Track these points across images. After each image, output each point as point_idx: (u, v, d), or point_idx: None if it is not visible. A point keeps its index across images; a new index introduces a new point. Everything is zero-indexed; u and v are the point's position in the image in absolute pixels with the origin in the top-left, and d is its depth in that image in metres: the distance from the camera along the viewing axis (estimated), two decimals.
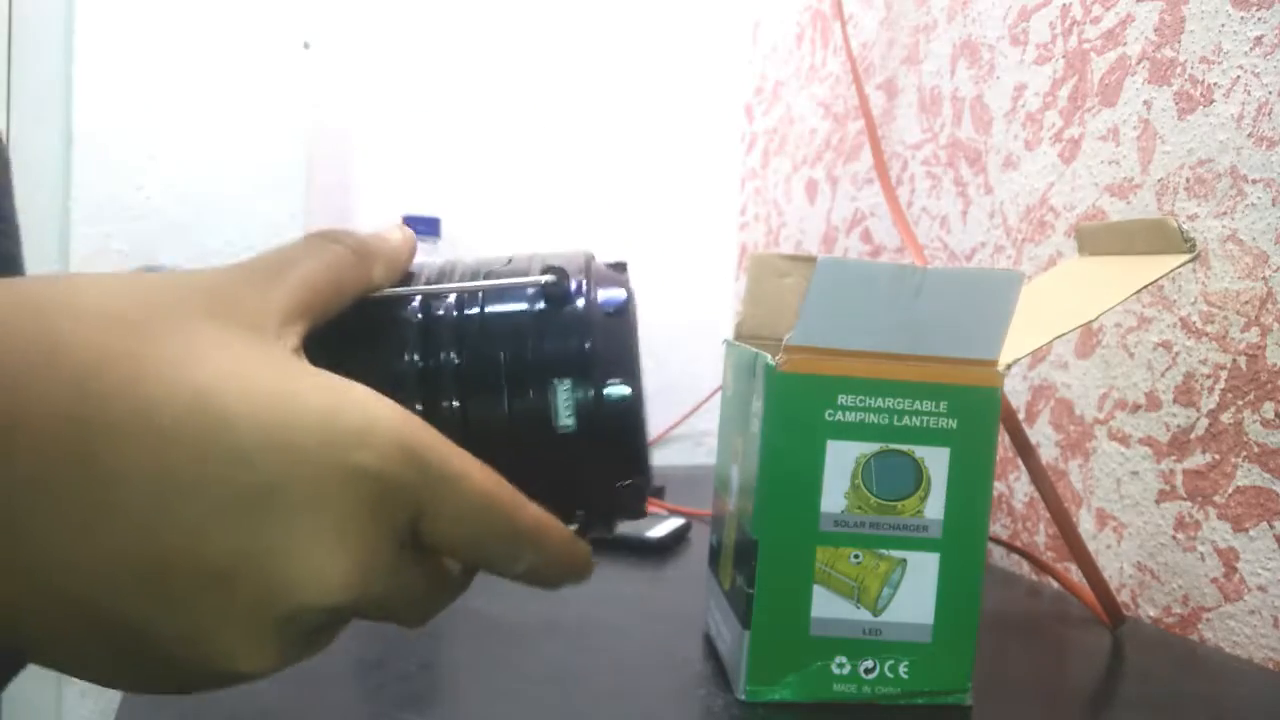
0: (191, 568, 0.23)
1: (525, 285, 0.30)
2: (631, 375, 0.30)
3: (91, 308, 0.24)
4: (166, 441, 0.23)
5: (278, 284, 0.27)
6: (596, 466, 0.30)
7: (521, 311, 0.30)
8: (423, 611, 0.29)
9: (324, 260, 0.28)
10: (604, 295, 0.31)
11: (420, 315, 0.30)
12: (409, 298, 0.30)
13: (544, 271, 0.30)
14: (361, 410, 0.25)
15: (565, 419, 0.29)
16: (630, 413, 0.30)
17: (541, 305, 0.30)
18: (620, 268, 0.34)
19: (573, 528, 0.31)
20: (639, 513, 0.31)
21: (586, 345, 0.30)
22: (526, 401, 0.29)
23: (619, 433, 0.30)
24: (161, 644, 0.24)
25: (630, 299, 0.32)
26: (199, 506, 0.23)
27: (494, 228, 1.18)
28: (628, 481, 0.31)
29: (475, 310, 0.30)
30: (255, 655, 0.25)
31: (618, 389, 0.30)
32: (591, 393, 0.29)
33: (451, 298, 0.30)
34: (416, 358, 0.29)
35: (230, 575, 0.24)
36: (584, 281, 0.31)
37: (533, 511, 0.28)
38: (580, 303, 0.30)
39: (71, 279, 0.25)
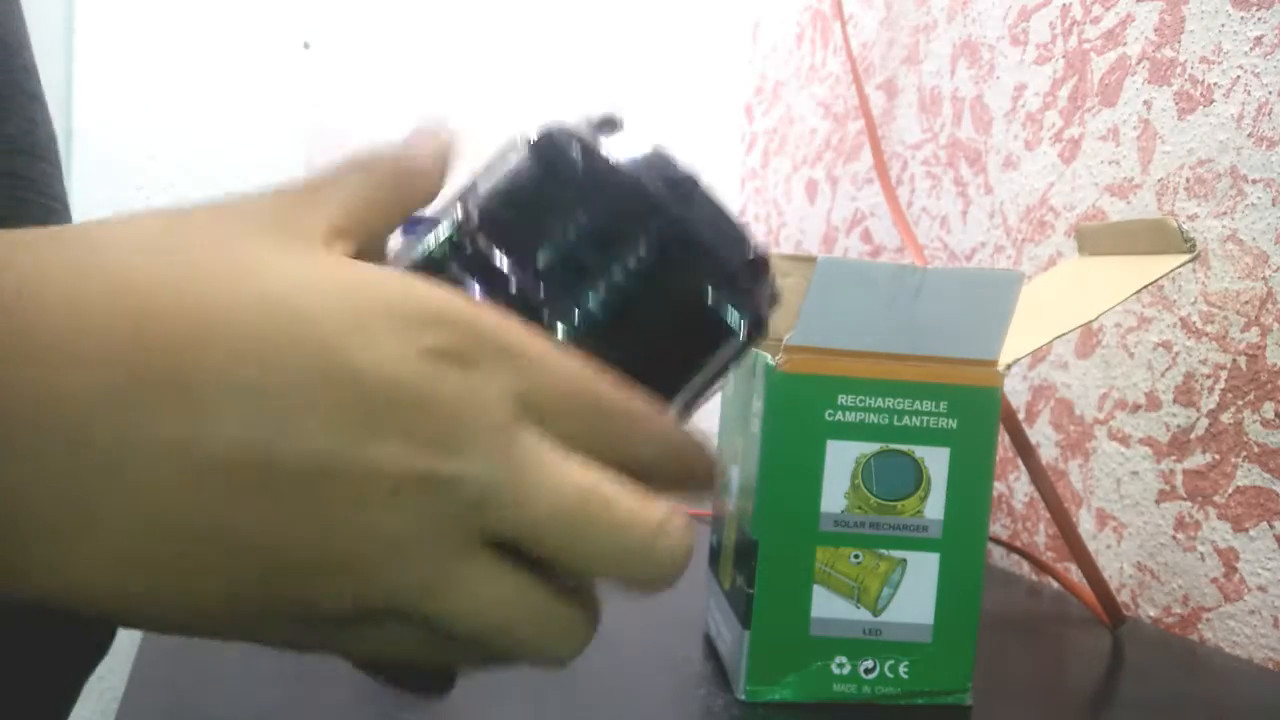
0: (298, 462, 0.22)
1: (523, 170, 0.28)
2: (678, 169, 0.28)
3: (136, 238, 0.24)
4: (245, 347, 0.22)
5: (317, 203, 0.26)
6: (714, 268, 0.27)
7: (541, 197, 0.28)
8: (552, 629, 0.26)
9: (359, 182, 0.27)
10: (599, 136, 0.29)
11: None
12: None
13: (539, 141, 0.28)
14: (435, 294, 0.24)
15: (659, 248, 0.26)
16: (705, 200, 0.27)
17: (551, 177, 0.28)
18: (609, 123, 0.31)
19: (734, 347, 0.28)
20: (776, 289, 0.28)
21: (632, 177, 0.28)
22: (623, 270, 0.27)
23: (712, 221, 0.27)
24: (288, 552, 0.23)
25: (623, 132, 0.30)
26: (292, 400, 0.22)
27: None
28: (750, 258, 0.28)
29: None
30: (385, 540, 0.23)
31: (684, 188, 0.27)
32: (663, 212, 0.27)
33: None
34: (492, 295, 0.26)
35: (339, 464, 0.22)
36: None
37: (649, 403, 0.26)
38: (587, 150, 0.28)
39: (127, 218, 0.25)
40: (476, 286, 0.27)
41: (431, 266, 0.27)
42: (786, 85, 1.17)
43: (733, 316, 0.28)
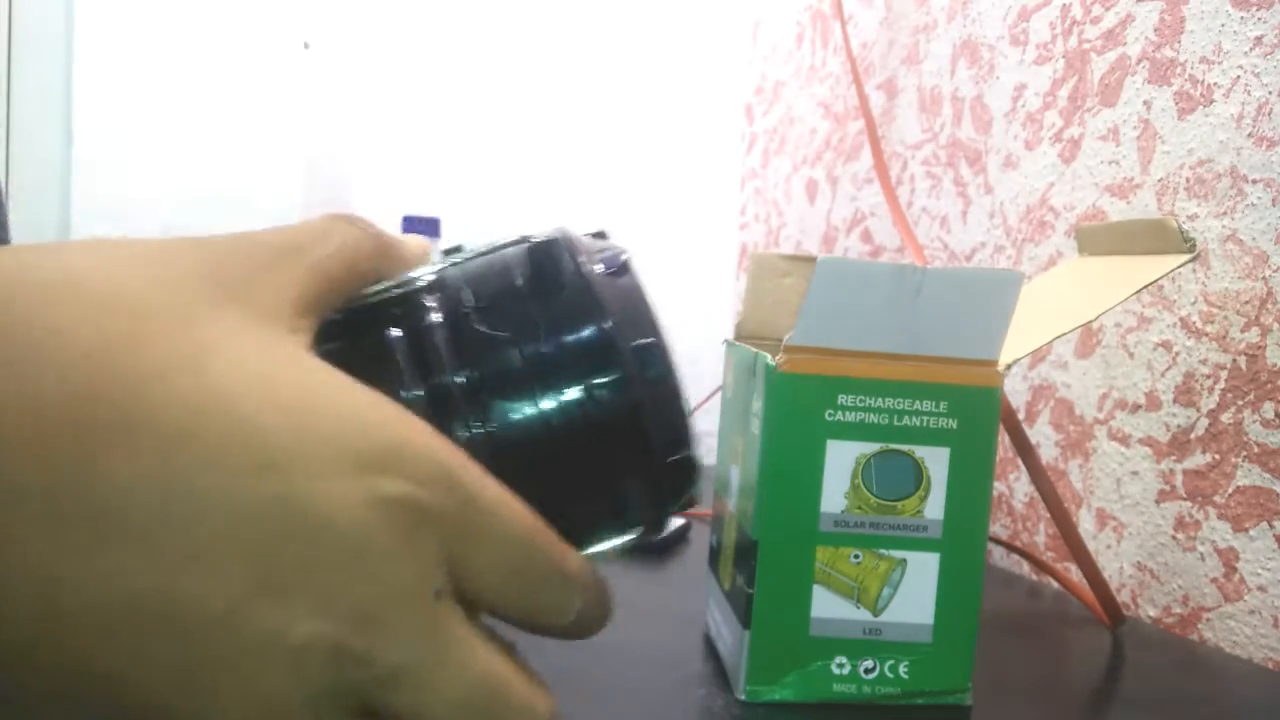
0: (199, 603, 0.20)
1: (513, 265, 0.27)
2: (657, 336, 0.27)
3: (88, 285, 0.21)
4: (176, 446, 0.20)
5: (292, 267, 0.24)
6: (643, 453, 0.26)
7: (519, 293, 0.27)
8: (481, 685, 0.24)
9: (343, 245, 0.25)
10: (600, 258, 0.28)
11: (418, 322, 0.26)
12: (407, 298, 0.27)
13: (530, 252, 0.27)
14: (393, 427, 0.22)
15: (600, 405, 0.26)
16: (668, 378, 0.26)
17: (536, 281, 0.27)
18: (601, 236, 0.31)
19: (627, 537, 0.28)
20: (694, 493, 0.28)
21: (607, 323, 0.26)
22: (559, 401, 0.26)
23: (663, 404, 0.26)
24: (144, 696, 0.20)
25: (628, 256, 0.29)
26: (214, 523, 0.20)
27: (494, 228, 1.18)
28: (678, 457, 0.27)
29: (471, 305, 0.27)
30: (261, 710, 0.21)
31: (654, 363, 0.26)
32: (622, 374, 0.26)
33: (436, 305, 0.27)
34: (424, 377, 0.26)
35: (244, 612, 0.20)
36: (574, 254, 0.27)
37: (573, 552, 0.25)
38: (581, 270, 0.27)
39: (62, 250, 0.22)
40: (407, 343, 0.26)
41: (384, 310, 0.26)
42: (786, 85, 1.17)
43: (633, 512, 0.27)
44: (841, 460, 0.43)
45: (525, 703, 0.24)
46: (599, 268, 0.28)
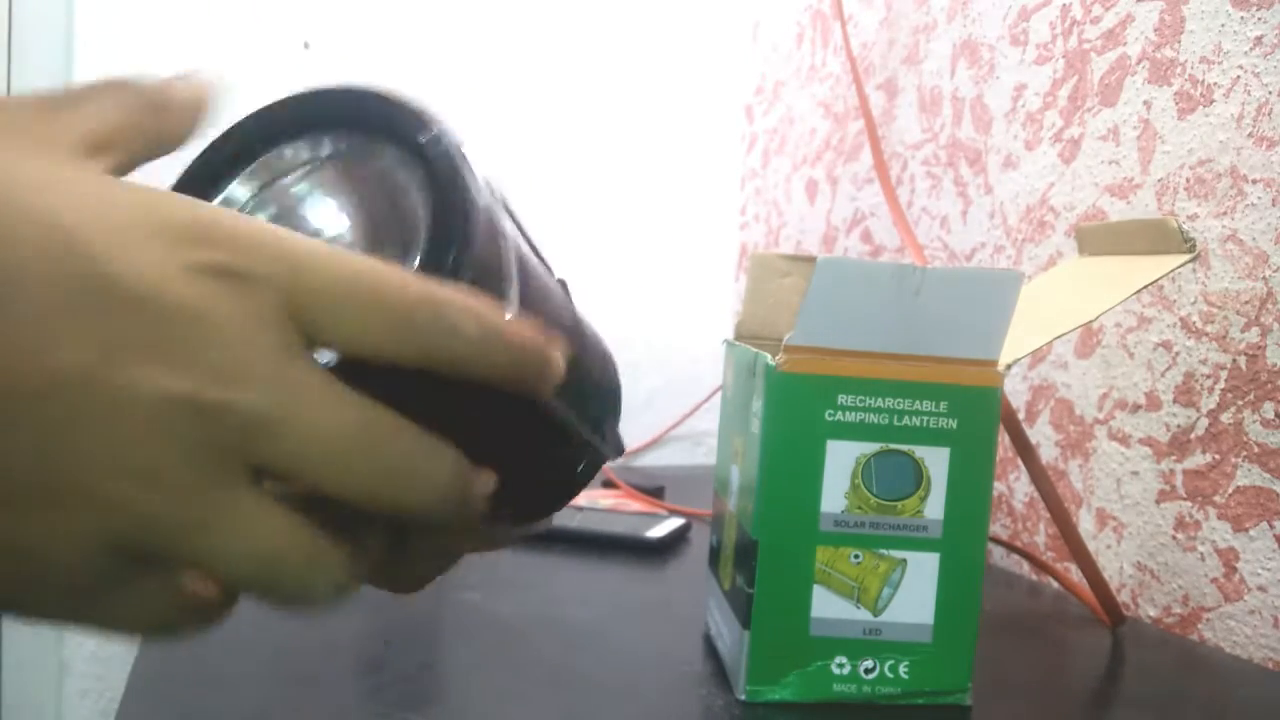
0: (38, 382, 0.20)
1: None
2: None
3: None
4: None
5: (75, 111, 0.25)
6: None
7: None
8: (381, 472, 0.23)
9: (116, 101, 0.26)
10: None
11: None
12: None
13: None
14: (202, 208, 0.22)
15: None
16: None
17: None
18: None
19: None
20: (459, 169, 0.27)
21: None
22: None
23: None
24: (14, 478, 0.20)
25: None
26: (38, 300, 0.20)
27: None
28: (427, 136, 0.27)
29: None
30: (117, 471, 0.21)
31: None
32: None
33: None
34: None
35: (94, 378, 0.20)
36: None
37: (419, 277, 0.24)
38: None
39: None
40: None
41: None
42: (786, 85, 1.17)
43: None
44: (841, 460, 0.43)
45: (411, 434, 0.23)
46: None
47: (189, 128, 0.28)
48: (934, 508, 0.43)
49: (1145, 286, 0.48)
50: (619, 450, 0.32)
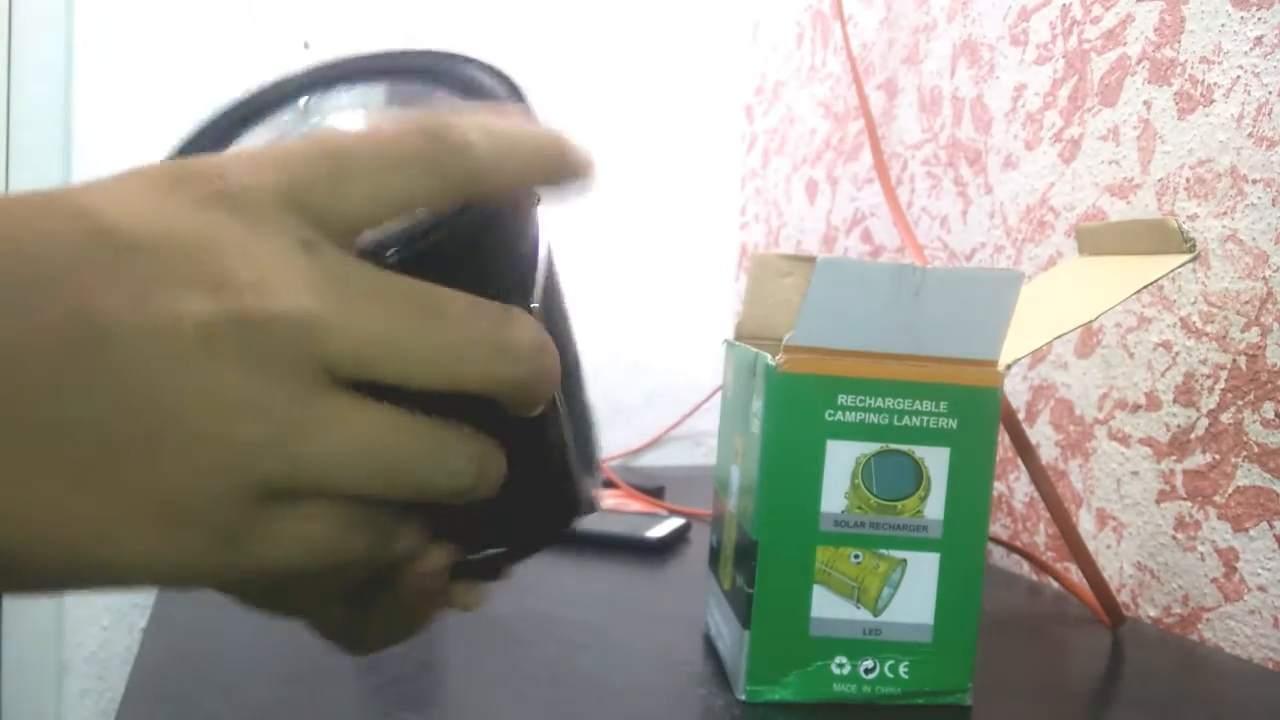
0: (82, 331, 0.20)
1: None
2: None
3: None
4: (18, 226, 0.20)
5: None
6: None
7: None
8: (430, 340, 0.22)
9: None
10: None
11: None
12: None
13: None
14: (181, 160, 0.23)
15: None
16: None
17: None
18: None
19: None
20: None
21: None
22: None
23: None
24: (127, 427, 0.20)
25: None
26: (53, 269, 0.20)
27: None
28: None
29: None
30: (183, 384, 0.20)
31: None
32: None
33: None
34: None
35: (125, 327, 0.20)
36: None
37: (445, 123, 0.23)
38: None
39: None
40: None
41: None
42: (786, 85, 1.17)
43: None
44: (841, 460, 0.43)
45: (464, 304, 0.23)
46: None
47: None
48: (934, 508, 0.43)
49: (1145, 286, 0.48)
50: (593, 506, 0.32)
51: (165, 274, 0.20)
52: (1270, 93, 0.56)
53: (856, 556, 0.43)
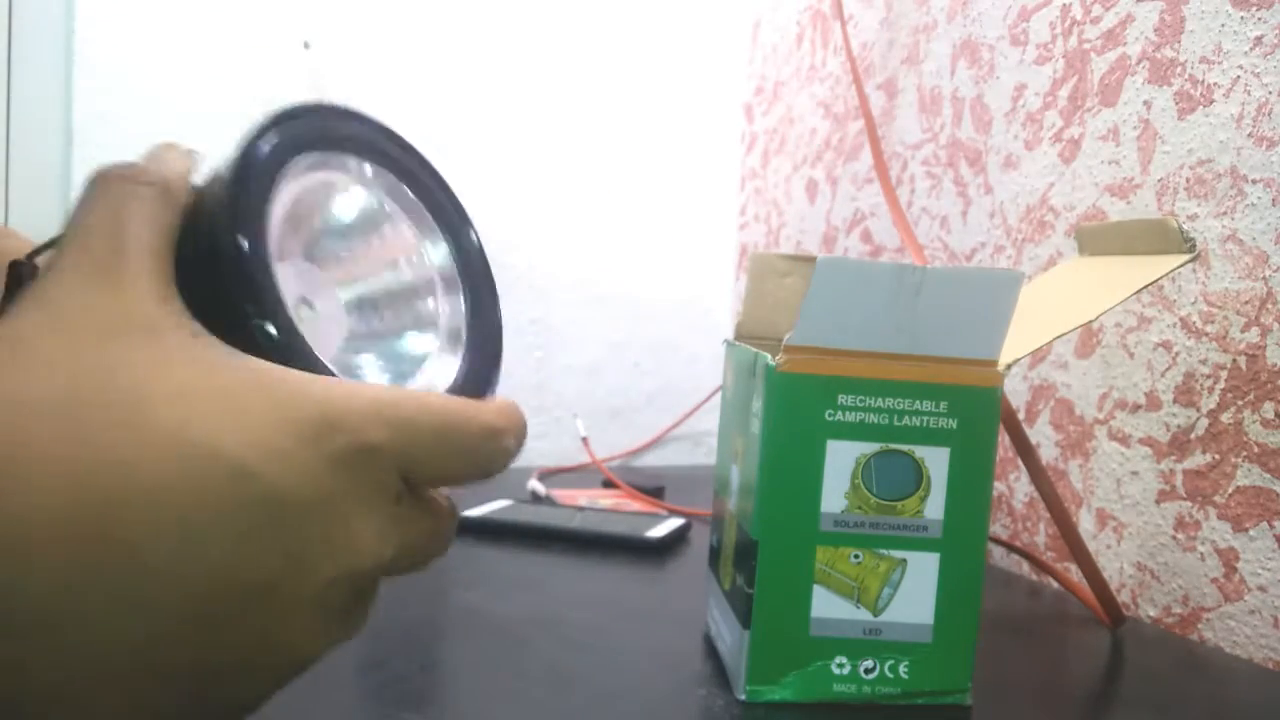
0: (232, 589, 0.24)
1: None
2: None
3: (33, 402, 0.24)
4: (160, 500, 0.23)
5: (128, 263, 0.26)
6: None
7: None
8: (439, 544, 0.30)
9: (144, 214, 0.28)
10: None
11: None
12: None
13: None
14: (313, 395, 0.26)
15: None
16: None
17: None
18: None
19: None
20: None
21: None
22: None
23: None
24: (222, 661, 0.25)
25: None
26: (221, 531, 0.24)
27: (493, 227, 1.18)
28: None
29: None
30: (309, 637, 0.26)
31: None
32: None
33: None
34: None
35: (271, 583, 0.24)
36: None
37: (483, 406, 0.29)
38: None
39: None
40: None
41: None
42: (786, 85, 1.17)
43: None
44: (841, 460, 0.43)
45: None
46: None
47: (182, 201, 0.31)
48: (934, 508, 0.43)
49: (1145, 286, 0.48)
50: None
51: (312, 539, 0.25)
52: (1270, 93, 0.56)
53: (856, 556, 0.43)
